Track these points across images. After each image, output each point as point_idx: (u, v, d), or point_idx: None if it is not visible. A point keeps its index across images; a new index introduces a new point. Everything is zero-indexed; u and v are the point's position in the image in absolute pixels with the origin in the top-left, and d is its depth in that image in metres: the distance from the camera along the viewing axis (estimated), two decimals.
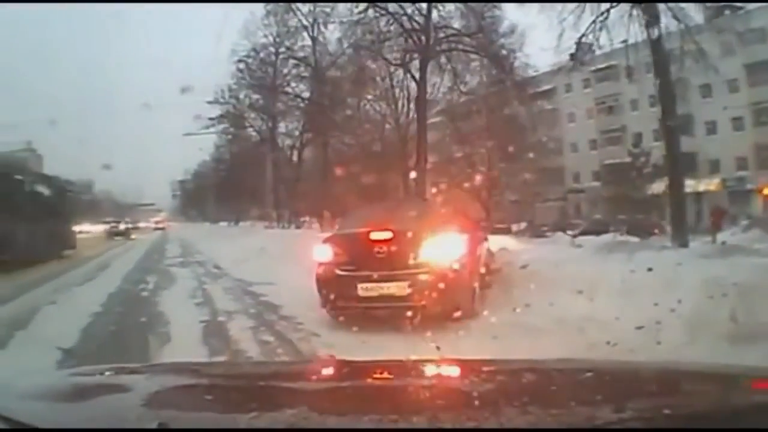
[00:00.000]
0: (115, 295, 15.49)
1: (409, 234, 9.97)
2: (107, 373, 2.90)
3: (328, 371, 3.05)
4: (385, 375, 2.78)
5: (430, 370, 2.81)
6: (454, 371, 2.76)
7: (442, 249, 9.89)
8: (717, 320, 7.85)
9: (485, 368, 2.67)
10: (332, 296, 10.17)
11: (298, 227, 44.40)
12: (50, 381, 2.78)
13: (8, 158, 38.97)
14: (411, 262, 9.73)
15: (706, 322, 7.87)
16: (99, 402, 2.29)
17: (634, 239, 19.77)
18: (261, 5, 40.60)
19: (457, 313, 9.48)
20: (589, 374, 2.56)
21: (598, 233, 26.33)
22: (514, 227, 48.11)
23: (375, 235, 10.03)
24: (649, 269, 9.86)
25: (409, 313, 8.87)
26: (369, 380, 2.67)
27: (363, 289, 9.81)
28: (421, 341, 7.49)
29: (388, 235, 9.98)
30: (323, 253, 10.55)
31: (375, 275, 9.77)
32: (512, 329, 8.65)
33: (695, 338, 7.61)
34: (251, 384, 2.67)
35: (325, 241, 10.90)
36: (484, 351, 7.43)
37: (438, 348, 6.21)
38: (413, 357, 3.16)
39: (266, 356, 8.50)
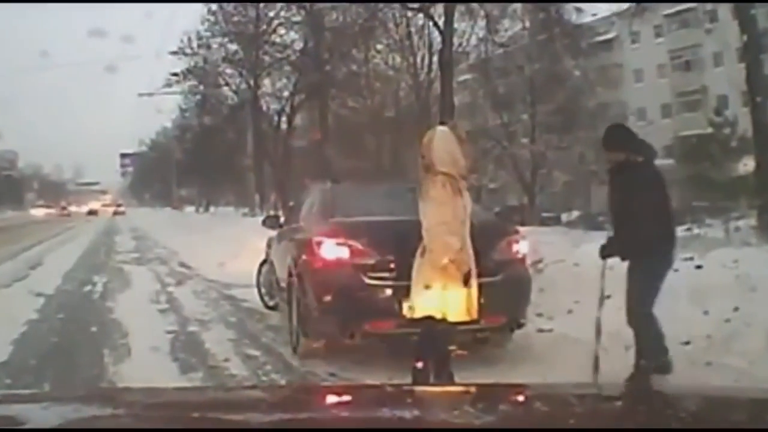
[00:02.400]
0: None
1: (473, 226, 8.21)
2: None
3: (275, 398, 3.07)
4: (339, 402, 2.79)
5: (409, 396, 2.80)
6: (442, 398, 2.75)
7: (512, 247, 9.50)
8: None
9: (483, 394, 2.75)
10: (357, 316, 8.90)
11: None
12: None
13: None
14: (480, 266, 8.04)
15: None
16: None
17: (718, 233, 19.83)
18: None
19: (518, 330, 9.45)
20: (609, 402, 2.69)
21: None
22: (565, 216, 48.22)
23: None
24: (698, 267, 10.05)
25: (475, 336, 8.83)
26: (320, 409, 2.67)
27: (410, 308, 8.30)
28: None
29: None
30: (333, 248, 9.15)
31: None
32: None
33: (757, 356, 7.79)
34: (175, 415, 2.55)
35: (333, 231, 9.42)
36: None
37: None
38: (395, 381, 3.10)
39: (253, 374, 8.84)
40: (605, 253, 8.05)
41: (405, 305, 8.22)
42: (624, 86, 64.09)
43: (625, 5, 24.24)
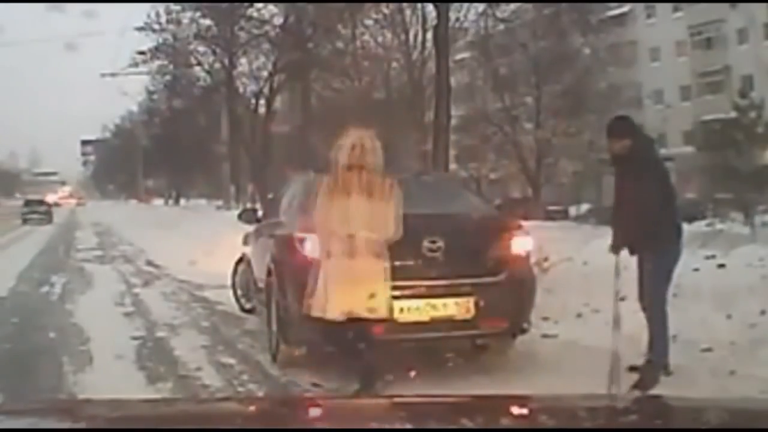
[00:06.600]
0: None
1: (471, 220, 9.15)
2: None
3: (253, 411, 3.13)
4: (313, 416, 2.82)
5: (400, 408, 2.83)
6: (436, 411, 2.77)
7: (515, 244, 9.29)
8: None
9: (481, 406, 2.81)
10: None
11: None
12: None
13: None
14: (479, 264, 8.65)
15: None
16: None
17: (743, 228, 19.87)
18: None
19: (522, 335, 9.38)
20: (620, 416, 2.74)
21: (690, 220, 26.48)
22: (573, 210, 48.22)
23: (420, 222, 8.69)
24: (720, 266, 10.10)
25: (474, 343, 8.93)
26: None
27: (403, 310, 8.55)
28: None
29: (444, 221, 9.14)
30: (317, 246, 8.60)
31: (424, 287, 8.71)
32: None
33: None
34: (141, 429, 2.58)
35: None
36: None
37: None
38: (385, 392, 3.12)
39: (228, 384, 8.85)
40: (615, 246, 8.40)
41: (398, 308, 8.35)
42: (639, 66, 64.10)
43: None
